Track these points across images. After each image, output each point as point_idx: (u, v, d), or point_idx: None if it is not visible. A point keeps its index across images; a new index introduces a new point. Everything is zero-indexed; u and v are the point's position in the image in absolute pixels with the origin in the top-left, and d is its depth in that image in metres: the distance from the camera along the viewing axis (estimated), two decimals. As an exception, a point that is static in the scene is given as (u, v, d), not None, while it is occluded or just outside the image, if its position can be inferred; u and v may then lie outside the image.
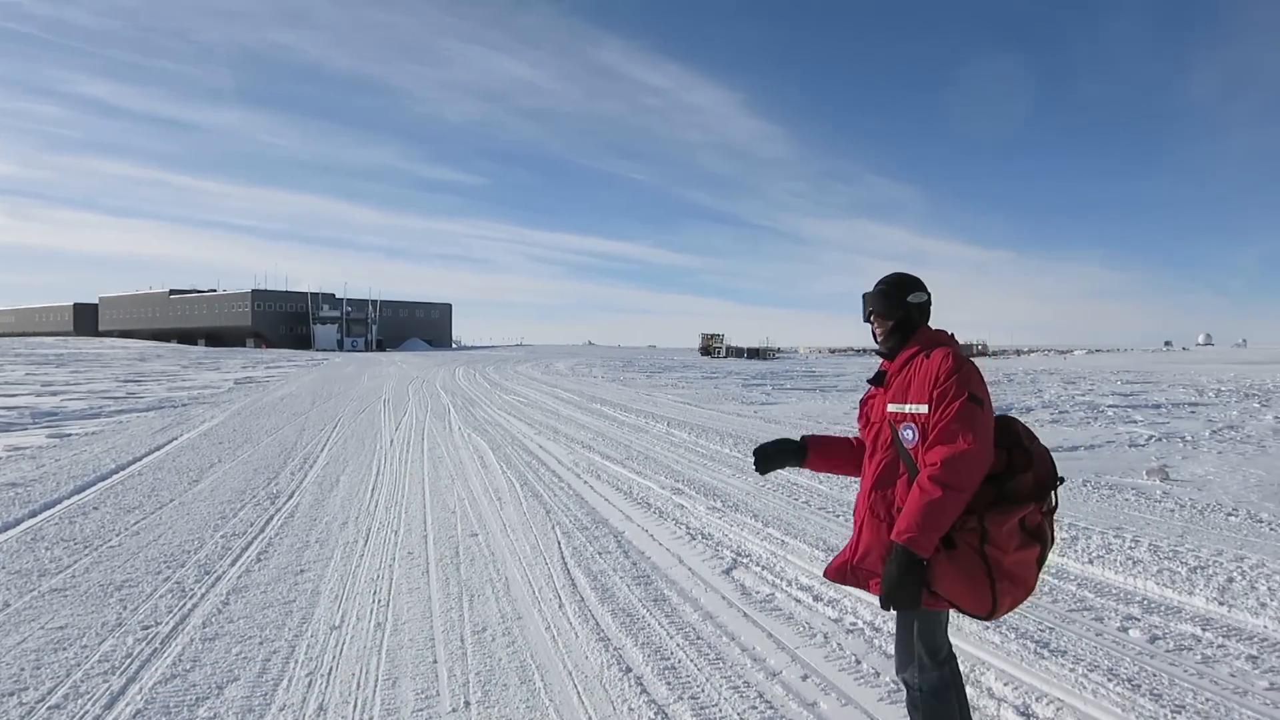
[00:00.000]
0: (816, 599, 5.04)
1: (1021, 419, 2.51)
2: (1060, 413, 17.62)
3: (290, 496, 8.25)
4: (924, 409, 2.56)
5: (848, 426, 14.81)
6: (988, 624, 4.51)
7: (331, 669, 4.07)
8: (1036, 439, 2.62)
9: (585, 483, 9.05)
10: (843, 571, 2.74)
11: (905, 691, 2.80)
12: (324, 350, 79.89)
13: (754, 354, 73.78)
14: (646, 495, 8.31)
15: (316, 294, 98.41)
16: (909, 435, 2.59)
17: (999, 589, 2.42)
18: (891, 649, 4.16)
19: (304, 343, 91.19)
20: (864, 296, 2.85)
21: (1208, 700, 3.62)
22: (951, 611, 2.62)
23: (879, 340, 2.83)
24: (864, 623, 4.65)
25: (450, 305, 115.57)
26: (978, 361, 2.72)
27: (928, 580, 2.45)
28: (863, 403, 2.97)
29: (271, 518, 7.31)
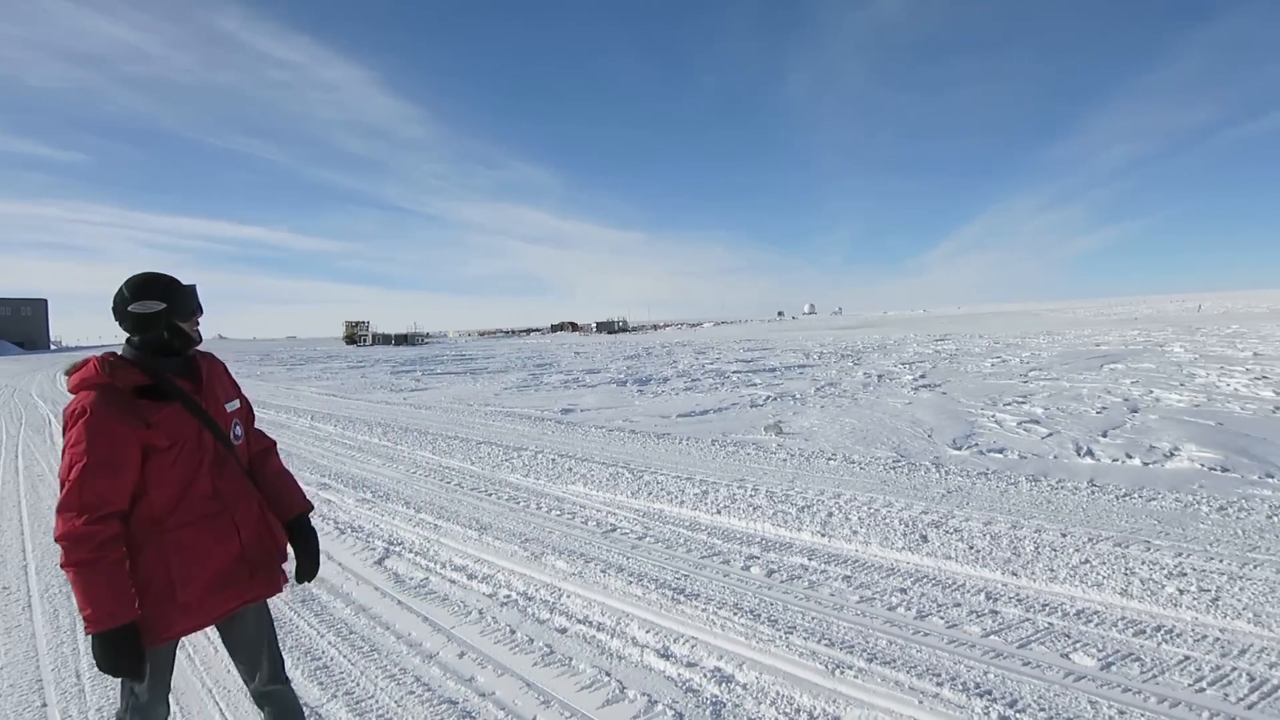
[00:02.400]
0: (471, 577, 5.09)
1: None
2: (693, 380, 19.13)
3: None
4: (237, 404, 2.71)
5: (497, 408, 15.02)
6: (630, 579, 4.85)
7: (-99, 734, 3.44)
8: None
9: (220, 487, 8.35)
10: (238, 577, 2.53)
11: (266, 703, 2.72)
12: (-124, 362, 66.14)
13: (402, 340, 72.77)
14: (291, 494, 7.86)
15: None
16: (239, 431, 2.68)
17: None
18: (520, 615, 4.34)
19: None
20: (180, 296, 2.46)
21: (814, 619, 4.16)
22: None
23: (197, 339, 2.55)
24: (517, 593, 4.77)
25: (45, 301, 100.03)
26: (619, 337, 2.89)
27: None
28: (129, 427, 2.30)
29: None
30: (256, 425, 2.87)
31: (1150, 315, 53.75)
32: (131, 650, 2.23)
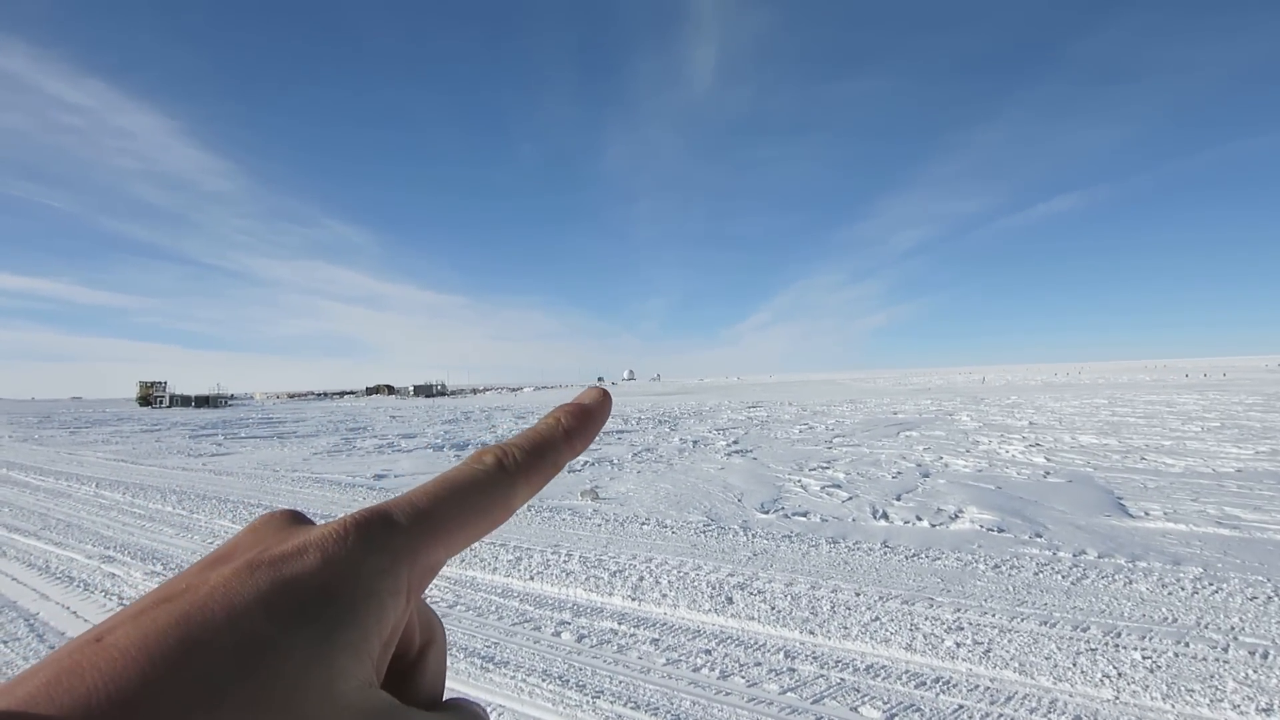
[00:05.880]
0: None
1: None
2: (511, 446, 19.01)
3: None
4: None
5: (306, 473, 14.41)
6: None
7: None
8: None
9: (-17, 561, 7.58)
10: None
11: None
12: None
13: (203, 402, 69.27)
14: (69, 568, 7.22)
15: None
16: None
17: None
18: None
19: None
20: None
21: (621, 682, 4.21)
22: None
23: None
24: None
25: None
26: (437, 401, 2.87)
27: None
28: None
29: None
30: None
31: (942, 386, 58.04)
32: None
